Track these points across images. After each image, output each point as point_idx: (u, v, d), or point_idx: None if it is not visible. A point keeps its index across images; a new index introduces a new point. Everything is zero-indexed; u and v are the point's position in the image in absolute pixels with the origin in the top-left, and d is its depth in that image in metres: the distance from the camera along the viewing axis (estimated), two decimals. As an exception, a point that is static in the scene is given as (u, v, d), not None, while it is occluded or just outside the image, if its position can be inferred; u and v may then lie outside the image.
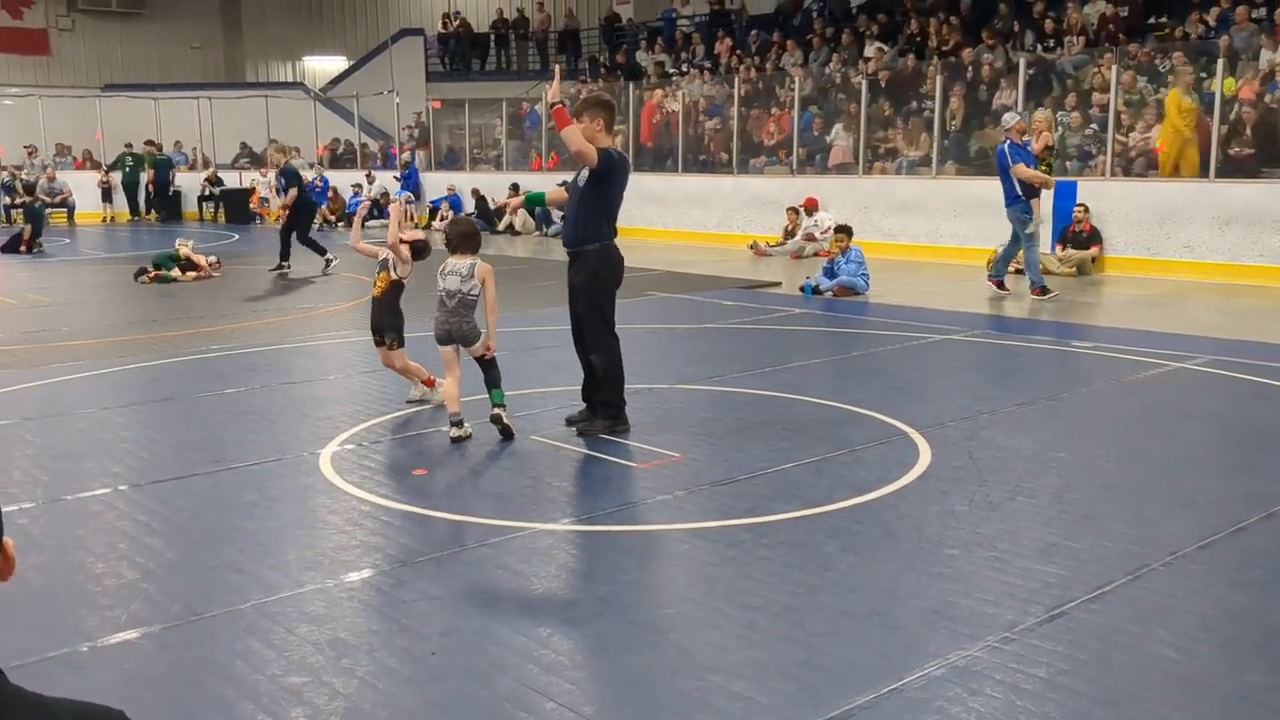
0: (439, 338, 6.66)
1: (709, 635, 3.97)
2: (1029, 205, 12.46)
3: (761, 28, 24.68)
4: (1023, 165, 12.41)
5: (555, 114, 6.48)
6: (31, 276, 15.79)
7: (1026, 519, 5.19)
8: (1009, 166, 12.37)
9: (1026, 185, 12.41)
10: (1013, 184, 12.42)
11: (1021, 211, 12.48)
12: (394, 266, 7.21)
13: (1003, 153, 12.51)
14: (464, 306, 6.59)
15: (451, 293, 6.58)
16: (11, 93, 27.96)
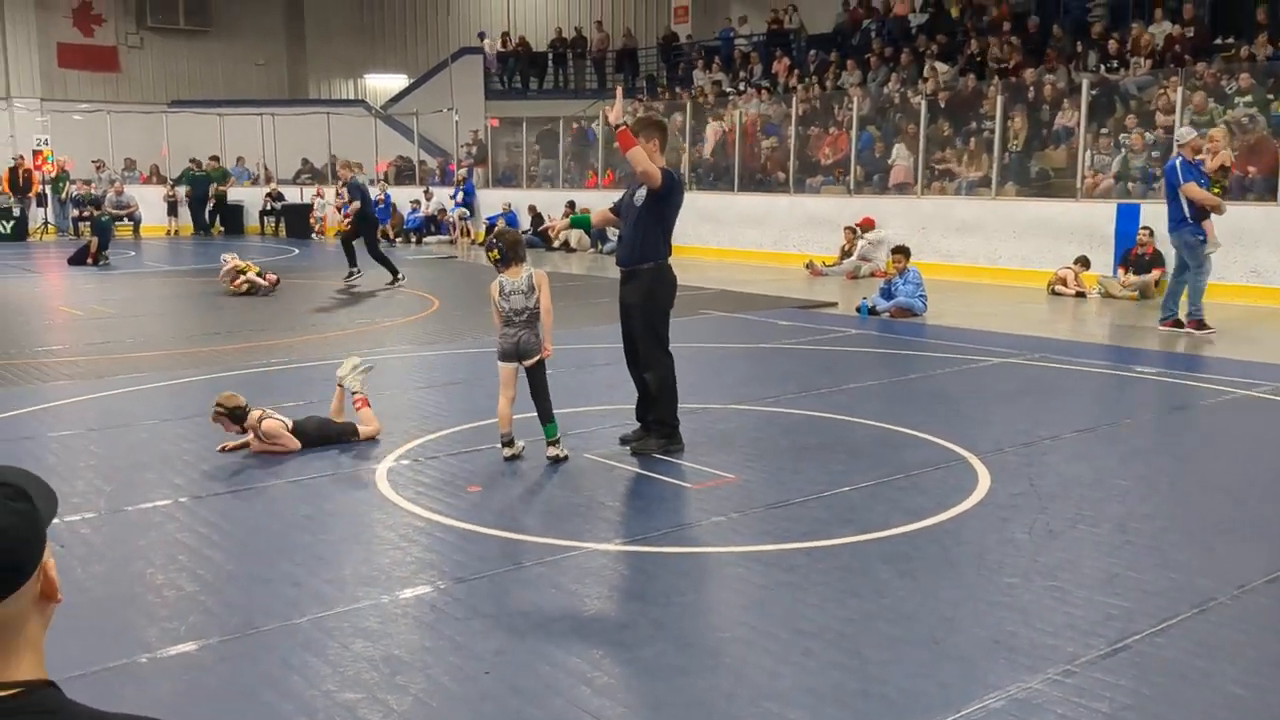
0: (505, 354, 6.56)
1: (763, 660, 3.93)
2: (1200, 228, 11.34)
3: (819, 47, 24.63)
4: (1194, 185, 11.27)
5: (619, 135, 6.48)
6: (97, 288, 16.10)
7: (1088, 548, 5.09)
8: (1179, 185, 11.32)
9: (1196, 207, 11.31)
10: (1181, 205, 11.37)
11: (1190, 235, 11.39)
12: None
13: (1173, 169, 11.45)
14: (532, 319, 6.58)
15: (519, 310, 6.57)
16: (81, 108, 28.61)
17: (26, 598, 1.34)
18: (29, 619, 1.36)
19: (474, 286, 16.49)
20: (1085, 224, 15.66)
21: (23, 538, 1.33)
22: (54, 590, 1.38)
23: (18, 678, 1.33)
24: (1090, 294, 14.59)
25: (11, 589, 1.31)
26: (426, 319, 12.82)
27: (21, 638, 1.35)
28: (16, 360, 10.01)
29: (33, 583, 1.35)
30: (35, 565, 1.35)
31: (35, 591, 1.36)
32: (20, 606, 1.33)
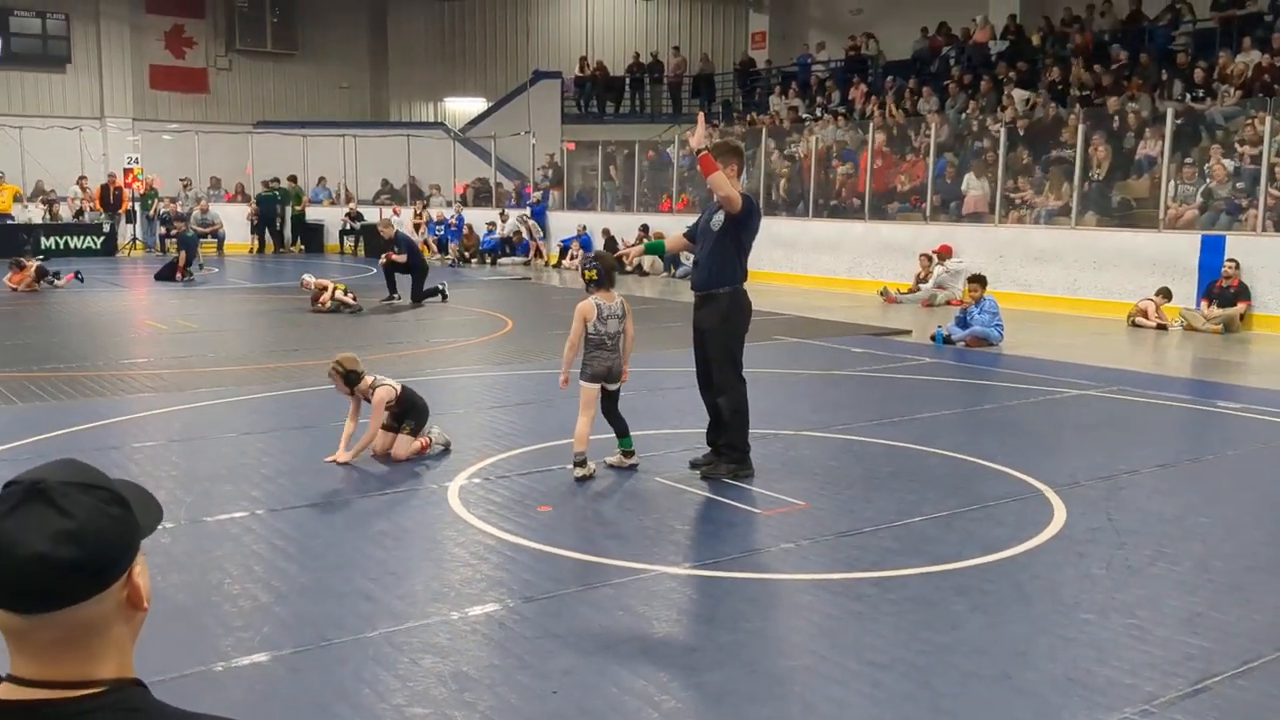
0: (597, 376, 6.71)
1: (832, 690, 3.89)
2: None
3: (897, 73, 24.51)
4: None
5: (701, 160, 6.51)
6: (182, 304, 16.50)
7: (1168, 586, 4.97)
8: None
9: None
10: None
11: None
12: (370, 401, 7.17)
13: None
14: (618, 344, 6.73)
15: (613, 334, 6.71)
16: (171, 128, 29.42)
17: (111, 602, 1.36)
18: (113, 623, 1.38)
19: (546, 308, 16.64)
20: (1168, 255, 15.35)
21: (111, 542, 1.35)
22: (140, 599, 1.41)
23: (101, 676, 1.36)
24: (1172, 326, 14.29)
25: (95, 591, 1.34)
26: (500, 340, 12.94)
27: (105, 640, 1.37)
28: (104, 372, 10.29)
29: (118, 588, 1.37)
30: (122, 571, 1.37)
31: (121, 598, 1.38)
32: (103, 610, 1.36)
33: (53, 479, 1.35)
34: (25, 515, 1.31)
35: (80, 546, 1.31)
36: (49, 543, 1.30)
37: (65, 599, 1.32)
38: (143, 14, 30.11)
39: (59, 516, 1.31)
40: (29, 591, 1.31)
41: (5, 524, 1.31)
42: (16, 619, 1.32)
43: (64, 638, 1.33)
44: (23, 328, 13.35)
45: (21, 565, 1.30)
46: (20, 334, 12.73)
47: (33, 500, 1.32)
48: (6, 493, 1.35)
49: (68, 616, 1.32)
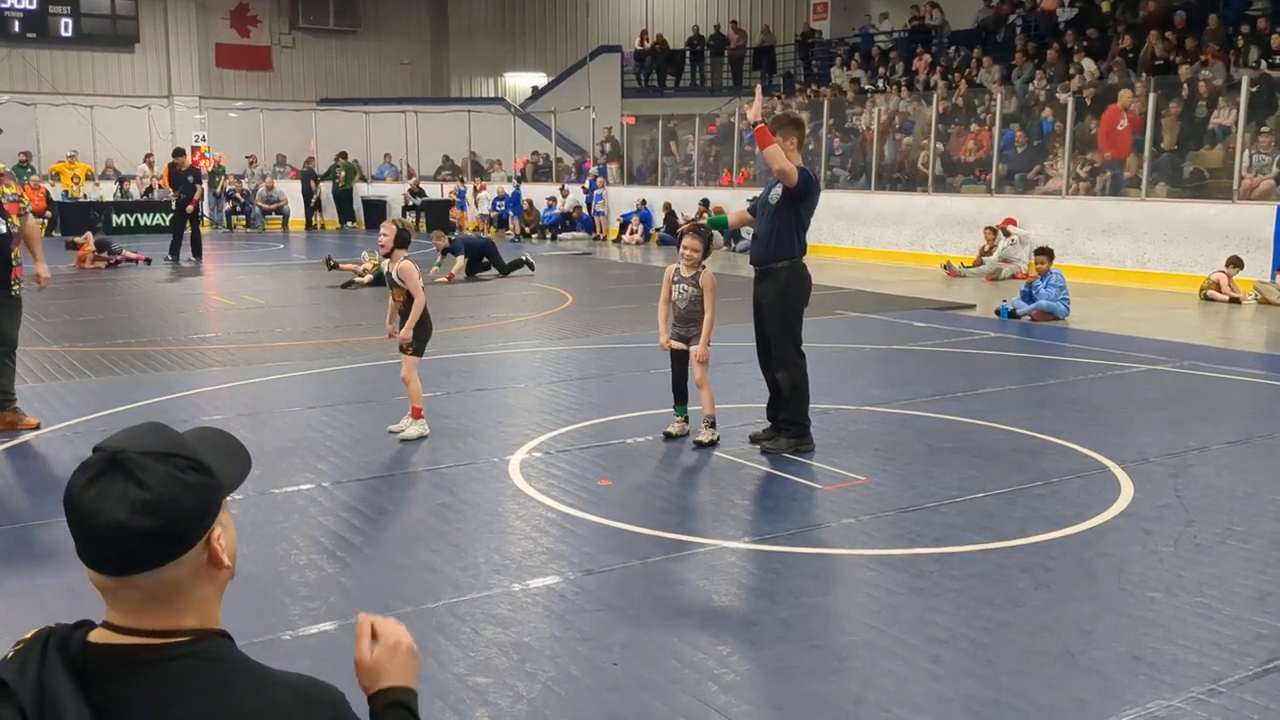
0: (676, 336, 6.97)
1: (893, 665, 3.88)
2: None
3: (962, 43, 24.11)
4: None
5: (757, 133, 6.49)
6: (249, 280, 16.76)
7: (1238, 564, 4.88)
8: None
9: None
10: None
11: None
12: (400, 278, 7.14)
13: None
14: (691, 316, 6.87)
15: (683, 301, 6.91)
16: (236, 105, 29.80)
17: (190, 565, 1.42)
18: (195, 583, 1.44)
19: (606, 282, 16.68)
20: (1241, 227, 14.98)
21: (187, 510, 1.40)
22: (220, 560, 1.46)
23: (184, 626, 1.42)
24: (1246, 299, 13.95)
25: (171, 557, 1.39)
26: (560, 314, 12.99)
27: (188, 598, 1.43)
28: (174, 347, 10.49)
29: (197, 552, 1.43)
30: (200, 536, 1.42)
31: (201, 560, 1.44)
32: (183, 572, 1.42)
33: (132, 448, 1.40)
34: (105, 485, 1.37)
35: (156, 516, 1.37)
36: (126, 513, 1.36)
37: (143, 564, 1.38)
38: (208, -7, 30.52)
39: (136, 488, 1.37)
40: (110, 557, 1.38)
41: (87, 493, 1.38)
42: (104, 578, 1.40)
43: (148, 596, 1.40)
44: (94, 304, 13.64)
45: (102, 534, 1.36)
46: (92, 310, 13.01)
47: (112, 471, 1.38)
48: (89, 462, 1.41)
49: (149, 579, 1.39)
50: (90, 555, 1.39)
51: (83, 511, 1.37)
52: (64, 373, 9.11)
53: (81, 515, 1.38)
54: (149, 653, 1.39)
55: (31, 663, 1.36)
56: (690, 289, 6.81)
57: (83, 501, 1.38)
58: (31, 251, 7.33)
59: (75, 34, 28.39)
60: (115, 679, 1.37)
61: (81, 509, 1.38)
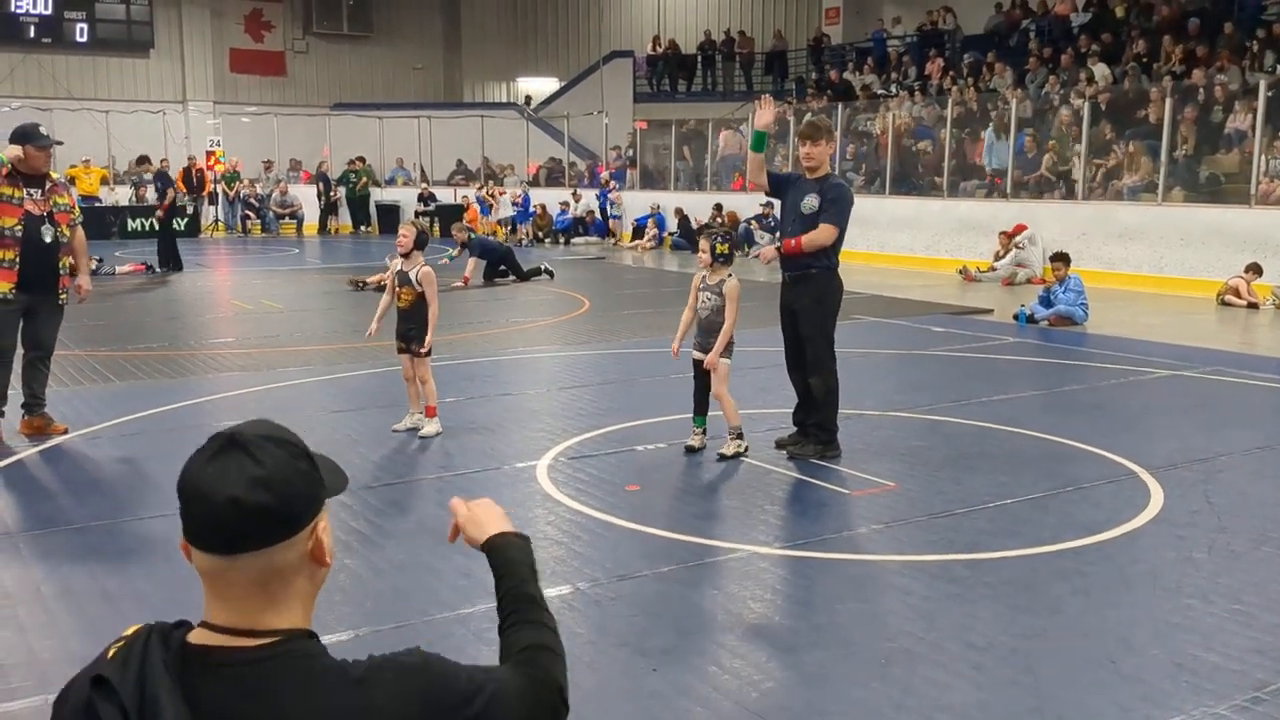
0: (695, 346, 6.86)
1: (933, 673, 3.87)
2: None
3: (975, 48, 24.09)
4: None
5: (786, 248, 6.58)
6: (265, 284, 16.79)
7: (1274, 570, 4.87)
8: None
9: None
10: None
11: None
12: (418, 281, 7.18)
13: None
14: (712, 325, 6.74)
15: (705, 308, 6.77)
16: (250, 110, 29.88)
17: (296, 551, 1.46)
18: (298, 574, 1.48)
19: (622, 287, 16.69)
20: (1259, 232, 14.94)
21: (299, 491, 1.46)
22: (323, 554, 1.50)
23: (279, 626, 1.45)
24: (1264, 305, 13.91)
25: (283, 536, 1.44)
26: (577, 319, 13.00)
27: (290, 590, 1.47)
28: (196, 351, 10.52)
29: (304, 538, 1.47)
30: (308, 521, 1.47)
31: (306, 549, 1.48)
32: (289, 558, 1.45)
33: (249, 432, 1.47)
34: (223, 462, 1.43)
35: (270, 492, 1.42)
36: (243, 488, 1.41)
37: (256, 541, 1.42)
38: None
39: (253, 464, 1.42)
40: (225, 532, 1.42)
41: (206, 470, 1.43)
42: (214, 560, 1.43)
43: (255, 580, 1.44)
44: (114, 308, 13.67)
45: (218, 507, 1.41)
46: (113, 314, 13.04)
47: (230, 449, 1.44)
48: (208, 443, 1.46)
49: (259, 560, 1.43)
50: (204, 531, 1.43)
51: (201, 486, 1.42)
52: (88, 377, 9.14)
53: (199, 490, 1.42)
54: (245, 654, 1.42)
55: (133, 661, 1.39)
56: (714, 297, 6.69)
57: (201, 477, 1.43)
58: (76, 263, 7.36)
59: (90, 39, 28.50)
60: (213, 680, 1.40)
61: (200, 484, 1.42)
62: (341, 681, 1.45)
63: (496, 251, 17.46)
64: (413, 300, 7.21)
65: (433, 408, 7.25)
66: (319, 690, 1.43)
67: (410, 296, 7.21)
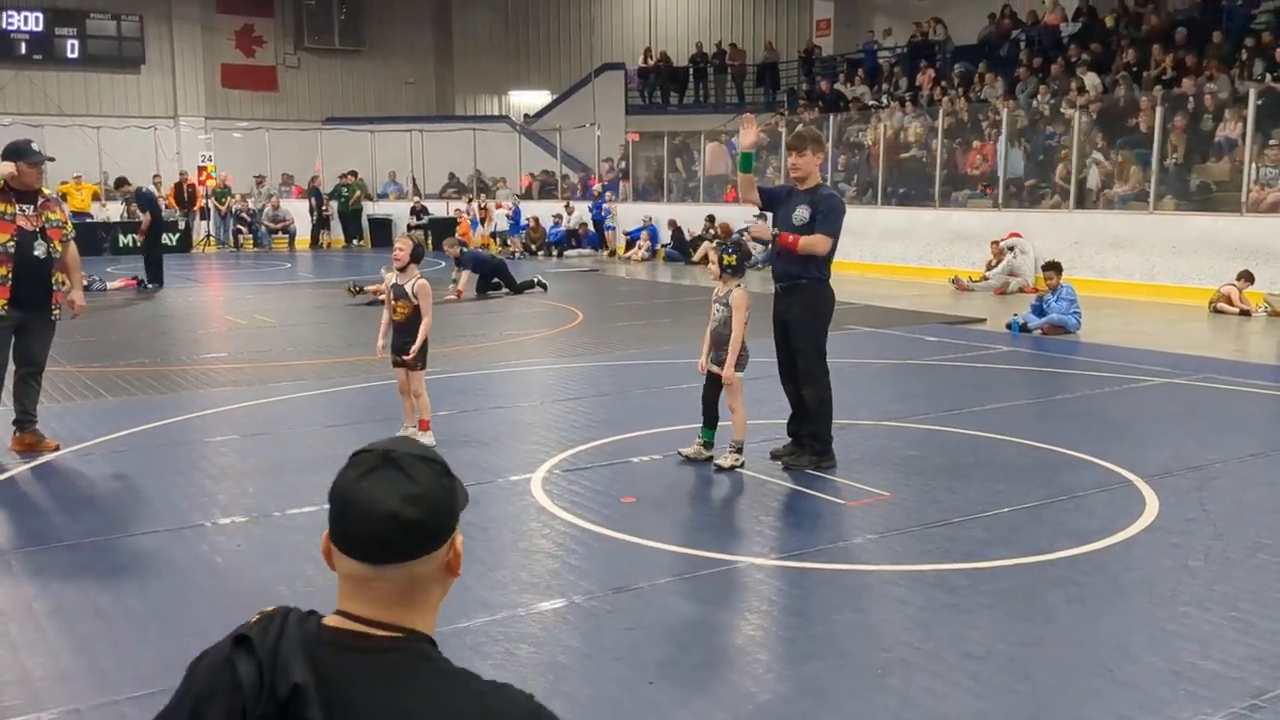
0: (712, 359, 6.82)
1: (930, 683, 3.86)
2: None
3: (966, 58, 24.18)
4: None
5: (782, 242, 6.55)
6: (258, 299, 16.76)
7: (1270, 577, 4.87)
8: None
9: None
10: None
11: None
12: (414, 294, 7.16)
13: None
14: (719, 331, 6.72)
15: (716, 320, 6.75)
16: (241, 125, 29.87)
17: (436, 563, 1.55)
18: (434, 584, 1.57)
19: (615, 299, 16.69)
20: (1250, 240, 14.98)
21: (444, 508, 1.55)
22: (458, 564, 1.60)
23: (414, 627, 1.54)
24: (1256, 312, 13.95)
25: (430, 549, 1.53)
26: (571, 331, 12.99)
27: (426, 598, 1.56)
28: (188, 367, 10.49)
29: (444, 551, 1.57)
30: (449, 535, 1.57)
31: (444, 560, 1.57)
32: (430, 569, 1.55)
33: (401, 450, 1.55)
34: (379, 479, 1.51)
35: (422, 509, 1.51)
36: (399, 503, 1.50)
37: (407, 553, 1.52)
38: (214, 14, 30.58)
39: (407, 481, 1.51)
40: (380, 544, 1.51)
41: (362, 484, 1.52)
42: (364, 568, 1.52)
43: (398, 590, 1.53)
44: (107, 324, 13.64)
45: (377, 521, 1.50)
46: (105, 330, 13.01)
47: (385, 466, 1.53)
48: (361, 458, 1.55)
49: (405, 570, 1.52)
50: (358, 542, 1.51)
51: (359, 500, 1.51)
52: (79, 393, 9.11)
53: (358, 504, 1.51)
54: (377, 642, 1.51)
55: (273, 629, 1.49)
56: (723, 309, 6.67)
57: (359, 491, 1.51)
58: (69, 278, 7.33)
59: (81, 55, 28.48)
60: (343, 659, 1.49)
61: (358, 498, 1.51)
62: (464, 686, 1.52)
63: (489, 264, 17.48)
64: (408, 314, 7.20)
65: (426, 421, 7.24)
66: (441, 688, 1.50)
67: (406, 310, 7.21)
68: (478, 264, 17.22)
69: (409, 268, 7.20)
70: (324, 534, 1.57)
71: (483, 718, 1.48)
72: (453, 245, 17.45)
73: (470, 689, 1.52)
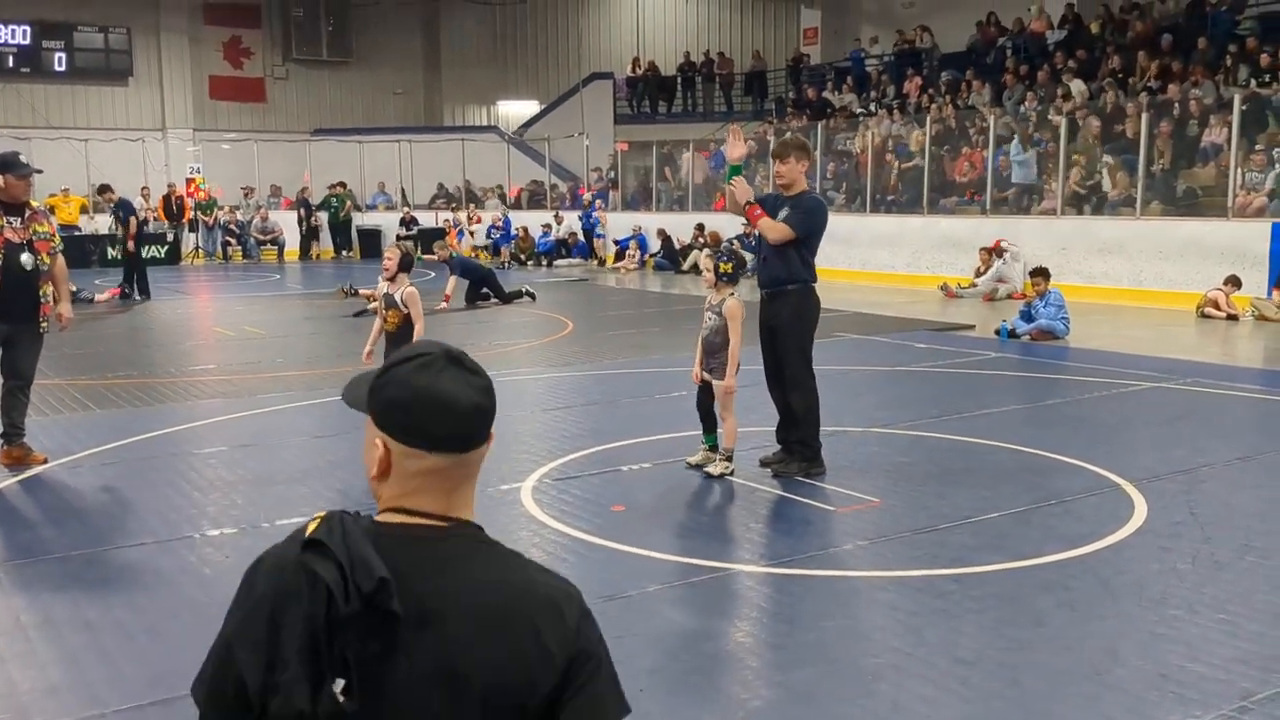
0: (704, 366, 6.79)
1: (920, 688, 3.87)
2: None
3: (953, 66, 24.28)
4: None
5: (749, 213, 6.56)
6: (247, 311, 16.73)
7: (1258, 580, 4.89)
8: None
9: None
10: None
11: None
12: (403, 302, 7.17)
13: None
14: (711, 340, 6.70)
15: (707, 329, 6.74)
16: (230, 137, 29.85)
17: (488, 448, 1.66)
18: (479, 469, 1.68)
19: (605, 308, 16.70)
20: (1237, 244, 15.05)
21: (492, 403, 1.66)
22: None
23: (459, 516, 1.63)
24: (1243, 316, 14.01)
25: (489, 437, 1.65)
26: (561, 340, 13.00)
27: (472, 487, 1.67)
28: (176, 379, 10.47)
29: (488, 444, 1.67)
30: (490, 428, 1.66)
31: (486, 451, 1.67)
32: (483, 455, 1.66)
33: (454, 350, 1.66)
34: (453, 375, 1.62)
35: (490, 398, 1.65)
36: (478, 395, 1.63)
37: (481, 439, 1.64)
38: (201, 26, 30.59)
39: (474, 375, 1.64)
40: (467, 434, 1.62)
41: (441, 380, 1.61)
42: (444, 459, 1.61)
43: (466, 475, 1.64)
44: (94, 336, 13.60)
45: (464, 413, 1.61)
46: (93, 343, 12.98)
47: (452, 365, 1.63)
48: (428, 359, 1.64)
49: (477, 455, 1.64)
50: (447, 435, 1.60)
51: (443, 395, 1.60)
52: (67, 406, 9.08)
53: (441, 398, 1.59)
54: (432, 531, 1.60)
55: (336, 530, 1.53)
56: (715, 318, 6.67)
57: (440, 387, 1.60)
58: (57, 290, 7.31)
59: (69, 68, 28.46)
60: (404, 548, 1.56)
61: (441, 393, 1.59)
62: (517, 561, 1.66)
63: (478, 272, 17.47)
64: (399, 323, 7.20)
65: None
66: (497, 565, 1.62)
67: (396, 319, 7.21)
68: (466, 271, 17.19)
69: (398, 277, 7.20)
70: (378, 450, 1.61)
71: (529, 588, 1.61)
72: (442, 249, 17.45)
73: (521, 563, 1.65)
